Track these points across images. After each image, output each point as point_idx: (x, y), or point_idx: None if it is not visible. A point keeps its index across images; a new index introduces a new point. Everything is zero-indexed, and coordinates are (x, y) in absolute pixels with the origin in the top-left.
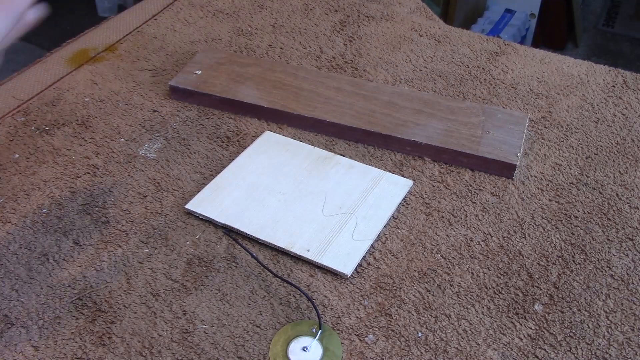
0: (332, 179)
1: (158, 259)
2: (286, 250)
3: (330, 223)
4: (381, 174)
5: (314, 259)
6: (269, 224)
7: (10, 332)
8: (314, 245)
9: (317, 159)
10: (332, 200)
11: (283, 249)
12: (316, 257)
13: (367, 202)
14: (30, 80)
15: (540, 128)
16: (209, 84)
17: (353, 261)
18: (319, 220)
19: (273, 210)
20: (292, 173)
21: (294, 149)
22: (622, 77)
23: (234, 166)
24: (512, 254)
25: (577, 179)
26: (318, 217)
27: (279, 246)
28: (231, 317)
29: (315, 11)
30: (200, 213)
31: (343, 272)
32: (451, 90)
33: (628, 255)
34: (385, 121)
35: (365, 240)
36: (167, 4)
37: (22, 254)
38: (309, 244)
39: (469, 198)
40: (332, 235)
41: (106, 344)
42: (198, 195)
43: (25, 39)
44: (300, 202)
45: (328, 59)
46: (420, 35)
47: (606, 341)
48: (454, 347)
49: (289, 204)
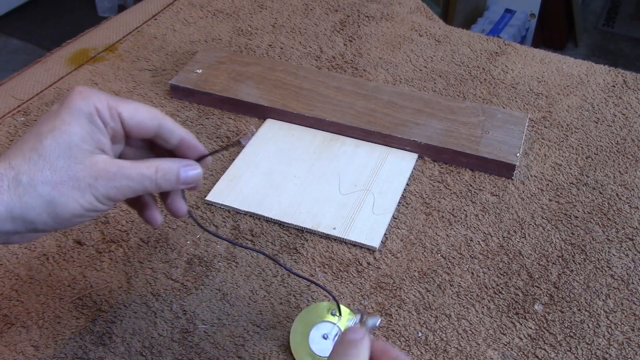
0: (341, 159)
1: (158, 258)
2: (313, 231)
3: (350, 200)
4: (387, 150)
5: (342, 235)
6: (292, 207)
7: (10, 332)
8: (338, 223)
9: (323, 142)
10: (346, 179)
11: (310, 230)
12: (343, 234)
13: (379, 178)
14: (30, 80)
15: (540, 128)
16: (209, 82)
17: (379, 234)
18: (337, 199)
19: (292, 193)
20: (303, 157)
21: (298, 133)
22: (622, 77)
23: (245, 155)
24: (512, 254)
25: (577, 179)
26: (336, 196)
27: (306, 227)
28: (231, 317)
29: (315, 11)
30: (222, 203)
31: (372, 245)
32: (451, 90)
33: (628, 255)
34: (385, 121)
35: (386, 214)
36: (167, 4)
37: (22, 254)
38: (334, 222)
39: (468, 198)
40: (353, 212)
41: (106, 343)
42: (216, 186)
43: (25, 39)
44: (317, 184)
45: (328, 59)
46: (420, 35)
47: (606, 341)
48: (454, 347)
49: (306, 186)
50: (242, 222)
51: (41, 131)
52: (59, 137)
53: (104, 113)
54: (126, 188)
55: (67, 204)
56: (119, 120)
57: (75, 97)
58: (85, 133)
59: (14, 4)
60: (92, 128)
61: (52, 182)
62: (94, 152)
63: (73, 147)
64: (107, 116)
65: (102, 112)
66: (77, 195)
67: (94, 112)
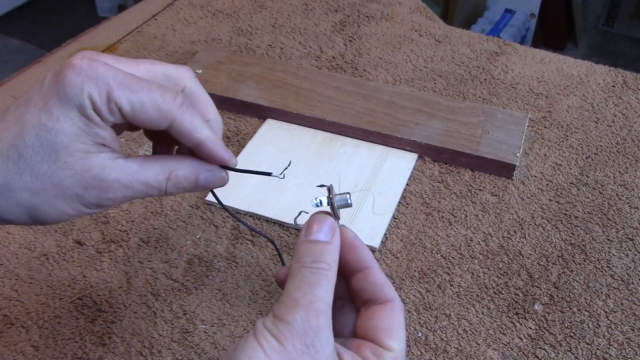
0: (341, 159)
1: (158, 258)
2: None
3: None
4: (387, 150)
5: None
6: (292, 207)
7: (10, 332)
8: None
9: (323, 142)
10: (346, 179)
11: None
12: None
13: (379, 178)
14: (30, 80)
15: (540, 128)
16: (209, 83)
17: (379, 234)
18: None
19: (292, 193)
20: (302, 157)
21: (298, 133)
22: (622, 77)
23: (244, 155)
24: (512, 254)
25: (577, 179)
26: None
27: None
28: (231, 317)
29: (315, 11)
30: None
31: (372, 245)
32: (451, 90)
33: (628, 255)
34: (385, 121)
35: (386, 214)
36: (167, 4)
37: (22, 254)
38: None
39: (469, 198)
40: (353, 212)
41: (106, 343)
42: None
43: (25, 39)
44: (317, 184)
45: (328, 59)
46: (420, 35)
47: (606, 341)
48: (454, 347)
49: (306, 186)
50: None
51: (25, 121)
52: (44, 136)
53: (101, 106)
54: (122, 198)
55: (48, 212)
56: (120, 115)
57: (69, 77)
58: (77, 129)
59: (14, 4)
60: (85, 122)
61: (32, 189)
62: (89, 150)
63: (60, 149)
64: (104, 110)
65: (97, 105)
66: (61, 204)
67: (87, 105)
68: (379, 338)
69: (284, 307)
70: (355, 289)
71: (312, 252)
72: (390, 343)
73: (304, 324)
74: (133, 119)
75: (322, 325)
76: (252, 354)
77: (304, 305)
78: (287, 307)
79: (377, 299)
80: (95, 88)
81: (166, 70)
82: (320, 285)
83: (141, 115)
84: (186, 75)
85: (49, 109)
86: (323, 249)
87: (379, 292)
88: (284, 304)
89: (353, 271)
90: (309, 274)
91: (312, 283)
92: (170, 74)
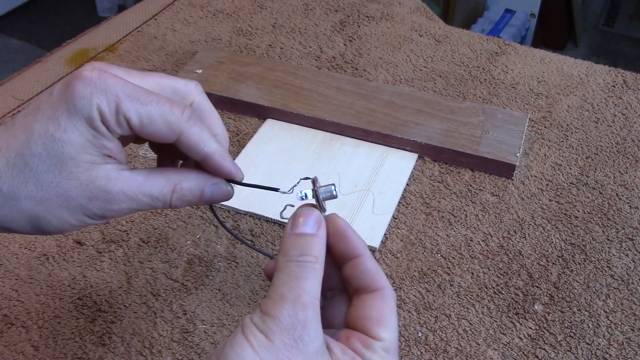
0: (341, 159)
1: (158, 258)
2: None
3: (349, 201)
4: (387, 150)
5: None
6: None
7: (10, 332)
8: None
9: (323, 142)
10: (346, 179)
11: None
12: None
13: (379, 178)
14: (30, 80)
15: (540, 128)
16: (209, 83)
17: (379, 234)
18: (337, 199)
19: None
20: (302, 157)
21: (298, 133)
22: (622, 77)
23: (244, 155)
24: (512, 254)
25: (577, 179)
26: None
27: None
28: (231, 317)
29: (315, 11)
30: (222, 203)
31: (372, 245)
32: (451, 90)
33: (628, 255)
34: (385, 121)
35: (386, 214)
36: (167, 4)
37: (22, 254)
38: None
39: (469, 198)
40: (353, 212)
41: (106, 343)
42: None
43: (25, 39)
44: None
45: (328, 59)
46: (420, 35)
47: (606, 341)
48: (454, 347)
49: (306, 186)
50: (242, 222)
51: (33, 130)
52: (51, 146)
53: (109, 118)
54: (127, 210)
55: (52, 221)
56: (128, 127)
57: (78, 88)
58: (84, 141)
59: (14, 4)
60: (93, 134)
61: (36, 199)
62: (95, 161)
63: (67, 160)
64: (112, 122)
65: (106, 117)
66: (66, 215)
67: (95, 117)
68: (368, 327)
69: (271, 302)
70: (347, 277)
71: (298, 246)
72: (380, 332)
73: (291, 318)
74: (141, 131)
75: (309, 318)
76: (241, 351)
77: (291, 300)
78: (273, 302)
79: (367, 287)
80: (104, 100)
81: (175, 84)
82: (307, 278)
83: (149, 128)
84: (195, 89)
85: (57, 119)
86: (309, 241)
87: (370, 280)
88: (271, 299)
89: (344, 259)
90: (296, 268)
91: (299, 276)
92: (179, 88)
